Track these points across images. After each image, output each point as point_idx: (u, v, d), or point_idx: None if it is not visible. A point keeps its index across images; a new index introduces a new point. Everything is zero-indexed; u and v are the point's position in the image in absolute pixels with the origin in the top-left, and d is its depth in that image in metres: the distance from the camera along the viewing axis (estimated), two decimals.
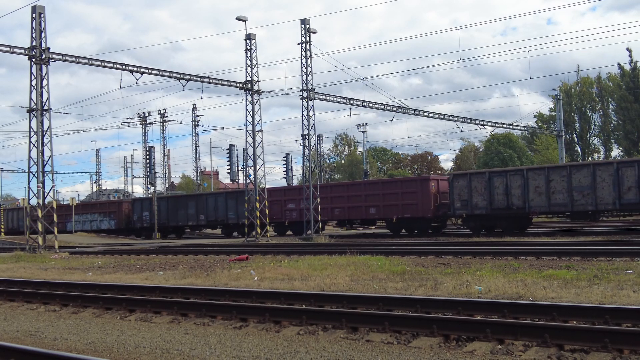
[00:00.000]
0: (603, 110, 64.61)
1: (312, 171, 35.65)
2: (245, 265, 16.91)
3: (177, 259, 21.57)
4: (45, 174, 27.48)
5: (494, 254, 16.94)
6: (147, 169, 53.25)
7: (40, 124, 27.32)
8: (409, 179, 35.99)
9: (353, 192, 35.74)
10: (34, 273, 17.77)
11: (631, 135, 57.59)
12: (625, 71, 58.55)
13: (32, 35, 27.18)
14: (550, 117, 67.21)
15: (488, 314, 8.00)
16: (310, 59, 34.23)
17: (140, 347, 7.38)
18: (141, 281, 14.01)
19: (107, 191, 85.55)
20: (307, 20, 34.22)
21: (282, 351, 6.83)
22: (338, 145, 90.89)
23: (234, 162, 51.55)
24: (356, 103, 37.29)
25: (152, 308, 9.83)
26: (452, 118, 42.40)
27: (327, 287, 11.40)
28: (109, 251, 27.27)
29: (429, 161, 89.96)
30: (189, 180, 78.27)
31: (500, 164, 58.33)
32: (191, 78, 32.27)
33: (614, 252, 15.75)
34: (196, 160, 64.66)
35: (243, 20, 33.24)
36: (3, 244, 41.10)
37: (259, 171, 34.89)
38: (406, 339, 7.06)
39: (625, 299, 8.77)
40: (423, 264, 15.11)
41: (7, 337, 8.37)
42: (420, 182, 33.31)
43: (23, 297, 11.98)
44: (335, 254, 18.75)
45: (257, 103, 34.33)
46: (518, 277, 11.54)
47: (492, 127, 50.86)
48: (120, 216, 48.86)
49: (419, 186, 32.64)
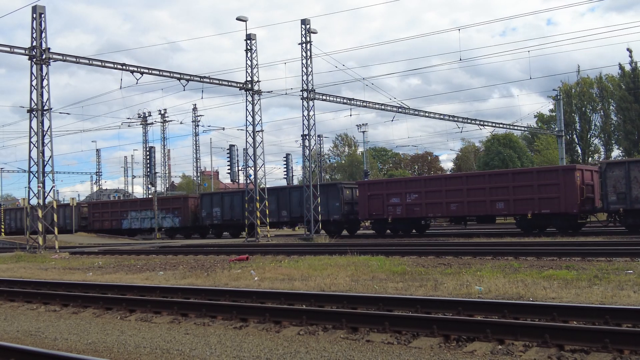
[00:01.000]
0: (603, 111, 64.62)
1: (312, 171, 35.65)
2: (246, 265, 16.91)
3: (177, 259, 21.57)
4: (45, 174, 27.49)
5: (495, 254, 16.94)
6: (147, 169, 53.25)
7: (40, 124, 27.33)
8: (549, 169, 31.70)
9: (474, 184, 31.27)
10: (34, 273, 17.77)
11: (631, 136, 57.59)
12: (626, 71, 58.56)
13: (32, 36, 27.18)
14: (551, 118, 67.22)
15: (488, 314, 8.00)
16: (311, 59, 34.28)
17: (141, 347, 7.38)
18: (141, 281, 14.01)
19: (108, 191, 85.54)
20: (308, 20, 34.25)
21: (282, 351, 6.83)
22: (338, 145, 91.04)
23: (234, 162, 51.55)
24: (356, 103, 37.31)
25: (153, 308, 9.83)
26: (453, 118, 42.40)
27: (328, 287, 11.40)
28: (109, 251, 27.28)
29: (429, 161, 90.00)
30: (189, 180, 78.29)
31: (501, 164, 58.35)
32: (191, 78, 32.28)
33: (615, 252, 15.76)
34: (196, 160, 64.72)
35: (243, 20, 33.26)
36: (3, 244, 41.11)
37: (259, 171, 34.94)
38: (406, 339, 7.06)
39: (625, 299, 8.77)
40: (423, 264, 15.11)
41: (8, 337, 8.37)
42: (563, 172, 29.13)
43: (23, 297, 11.97)
44: (336, 254, 18.75)
45: (258, 103, 34.38)
46: (518, 277, 11.54)
47: (492, 127, 50.88)
48: (185, 213, 44.68)
49: (561, 177, 28.55)
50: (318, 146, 69.84)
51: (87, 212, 51.75)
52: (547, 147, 63.57)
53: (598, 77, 63.49)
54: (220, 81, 33.65)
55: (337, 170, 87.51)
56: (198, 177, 67.71)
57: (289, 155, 59.53)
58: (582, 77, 64.34)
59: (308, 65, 34.21)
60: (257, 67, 33.88)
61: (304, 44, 34.16)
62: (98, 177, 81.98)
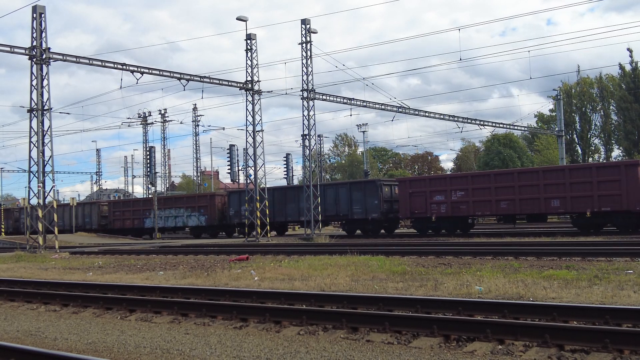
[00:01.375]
0: (604, 111, 64.59)
1: (312, 171, 35.63)
2: (246, 265, 16.92)
3: (178, 259, 21.57)
4: (45, 174, 27.50)
5: (495, 254, 16.94)
6: (147, 169, 53.27)
7: (40, 124, 27.33)
8: (609, 165, 30.30)
9: (527, 181, 29.84)
10: (35, 273, 17.77)
11: (631, 136, 57.55)
12: (626, 71, 58.53)
13: (32, 35, 27.19)
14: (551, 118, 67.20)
15: (488, 314, 8.00)
16: (311, 59, 34.28)
17: (141, 347, 7.38)
18: (141, 281, 14.01)
19: (108, 191, 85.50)
20: (308, 20, 34.24)
21: (282, 351, 6.83)
22: (338, 145, 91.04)
23: (235, 162, 51.56)
24: (356, 103, 37.30)
25: (153, 308, 9.83)
26: (453, 118, 42.39)
27: (328, 287, 11.40)
28: (110, 251, 27.29)
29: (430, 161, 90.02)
30: (189, 180, 78.29)
31: (501, 164, 58.29)
32: (192, 78, 32.28)
33: (615, 252, 15.76)
34: (196, 160, 64.73)
35: (244, 20, 33.26)
36: (3, 243, 41.12)
37: (259, 171, 34.94)
38: (406, 339, 7.06)
39: (625, 299, 8.77)
40: (423, 264, 15.11)
41: (8, 337, 8.38)
42: (625, 168, 27.77)
43: (23, 297, 11.98)
44: (336, 254, 18.75)
45: (258, 103, 34.39)
46: (518, 277, 11.54)
47: (492, 127, 50.87)
48: (212, 211, 43.41)
49: (623, 173, 27.32)
50: (318, 146, 69.88)
51: (107, 210, 50.44)
52: (547, 147, 63.54)
53: (598, 77, 63.53)
54: (220, 81, 33.65)
55: (337, 170, 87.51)
56: (198, 177, 67.72)
57: (289, 155, 59.56)
58: (582, 77, 64.36)
59: (308, 65, 34.22)
60: (258, 67, 33.94)
61: (304, 44, 34.17)
62: (98, 177, 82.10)
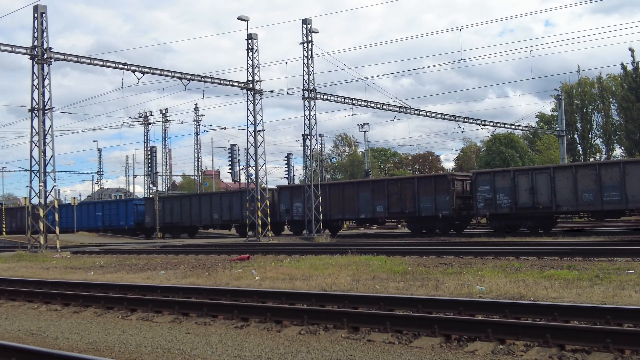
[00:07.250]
0: (605, 111, 64.54)
1: (313, 171, 35.63)
2: (247, 265, 16.91)
3: (179, 258, 21.58)
4: (46, 174, 27.52)
5: (496, 254, 16.92)
6: (148, 169, 53.29)
7: (42, 123, 27.36)
8: None
9: None
10: (36, 272, 17.78)
11: (633, 135, 57.47)
12: (628, 71, 58.45)
13: (34, 35, 27.22)
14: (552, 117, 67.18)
15: (489, 314, 7.99)
16: (312, 58, 34.26)
17: (142, 346, 7.38)
18: (142, 281, 14.01)
19: (109, 191, 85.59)
20: (309, 20, 34.24)
21: (283, 351, 6.82)
22: (339, 145, 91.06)
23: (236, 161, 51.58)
24: (357, 103, 37.30)
25: (154, 307, 9.82)
26: (454, 118, 42.38)
27: (329, 286, 11.39)
28: (111, 251, 27.29)
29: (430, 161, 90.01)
30: (190, 180, 78.31)
31: (502, 164, 58.22)
32: (193, 78, 32.29)
33: (616, 252, 15.73)
34: (197, 159, 64.75)
35: (245, 20, 33.26)
36: (4, 243, 41.13)
37: (260, 171, 34.94)
38: (407, 339, 7.05)
39: (626, 299, 8.76)
40: (424, 264, 15.10)
41: (9, 336, 8.38)
42: None
43: (24, 297, 11.97)
44: (337, 254, 18.74)
45: (259, 103, 34.39)
46: (519, 277, 11.52)
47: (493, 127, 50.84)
48: None
49: None
50: (319, 146, 69.87)
51: None
52: (548, 147, 63.52)
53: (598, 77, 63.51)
54: (221, 81, 33.66)
55: (338, 170, 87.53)
56: (199, 177, 67.74)
57: (290, 154, 59.60)
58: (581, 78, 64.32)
59: (309, 65, 34.22)
60: (259, 66, 33.95)
61: (305, 44, 34.16)
62: (99, 177, 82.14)
